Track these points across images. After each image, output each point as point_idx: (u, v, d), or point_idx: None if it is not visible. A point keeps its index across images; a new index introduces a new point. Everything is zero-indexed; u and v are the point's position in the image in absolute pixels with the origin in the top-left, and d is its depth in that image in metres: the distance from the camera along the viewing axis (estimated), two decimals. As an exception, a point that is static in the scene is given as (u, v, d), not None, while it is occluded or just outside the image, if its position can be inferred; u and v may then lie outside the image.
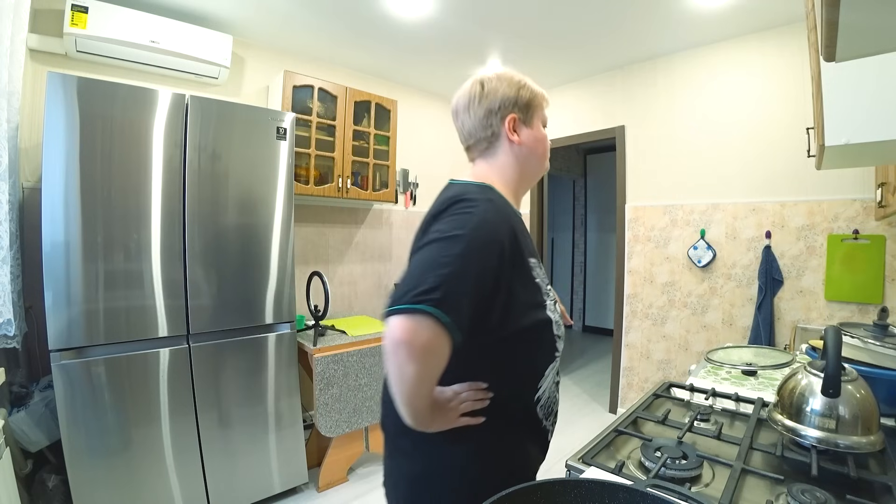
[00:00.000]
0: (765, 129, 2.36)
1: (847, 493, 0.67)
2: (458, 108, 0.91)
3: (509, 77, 0.88)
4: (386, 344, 0.66)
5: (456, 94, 0.92)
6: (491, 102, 0.86)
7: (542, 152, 0.90)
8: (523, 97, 0.87)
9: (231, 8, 2.23)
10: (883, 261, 2.01)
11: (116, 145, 1.57)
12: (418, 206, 3.53)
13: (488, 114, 0.86)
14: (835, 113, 0.95)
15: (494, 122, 0.86)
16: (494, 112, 0.86)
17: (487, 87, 0.86)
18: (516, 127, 0.86)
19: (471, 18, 2.33)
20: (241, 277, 1.87)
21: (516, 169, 0.88)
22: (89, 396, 1.53)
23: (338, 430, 2.09)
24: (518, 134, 0.86)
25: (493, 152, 0.88)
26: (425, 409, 0.71)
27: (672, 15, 2.25)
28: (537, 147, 0.89)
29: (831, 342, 0.77)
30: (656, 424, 0.97)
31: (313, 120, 2.53)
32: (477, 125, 0.87)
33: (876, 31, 0.50)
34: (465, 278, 0.67)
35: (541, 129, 0.90)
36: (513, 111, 0.86)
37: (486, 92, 0.86)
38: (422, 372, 0.66)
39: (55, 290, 1.47)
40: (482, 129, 0.87)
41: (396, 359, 0.66)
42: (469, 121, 0.88)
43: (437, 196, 0.84)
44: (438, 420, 0.74)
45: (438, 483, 0.79)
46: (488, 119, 0.86)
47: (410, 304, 0.63)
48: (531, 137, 0.88)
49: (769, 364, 1.29)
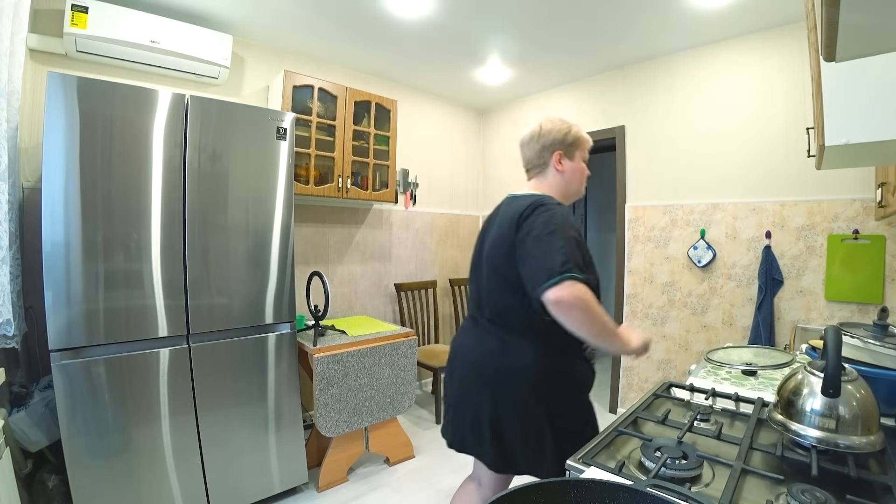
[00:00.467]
0: (765, 129, 2.36)
1: (847, 493, 0.67)
2: (523, 142, 1.30)
3: (560, 122, 1.26)
4: (560, 305, 0.97)
5: (524, 131, 1.31)
6: (545, 140, 1.25)
7: (579, 180, 1.27)
8: (568, 139, 1.24)
9: (231, 8, 2.23)
10: (883, 261, 2.01)
11: (116, 145, 1.57)
12: (418, 206, 3.54)
13: (542, 149, 1.25)
14: (835, 113, 0.95)
15: (546, 155, 1.25)
16: (546, 147, 1.25)
17: (544, 129, 1.25)
18: (561, 160, 1.24)
19: (471, 18, 2.33)
20: (241, 277, 1.87)
21: (559, 189, 1.25)
22: (89, 396, 1.53)
23: (338, 430, 2.09)
24: (562, 165, 1.24)
25: (544, 176, 1.27)
26: (612, 328, 1.04)
27: (672, 15, 2.25)
28: (575, 176, 1.27)
29: (831, 342, 0.77)
30: (656, 424, 0.97)
31: (313, 120, 2.53)
32: (534, 156, 1.27)
33: (876, 31, 0.50)
34: (574, 250, 1.02)
35: (580, 164, 1.27)
36: (559, 148, 1.24)
37: (542, 133, 1.25)
38: (594, 306, 0.99)
39: (55, 290, 1.47)
40: (537, 158, 1.27)
41: (576, 310, 0.98)
42: (529, 152, 1.28)
43: (506, 204, 1.22)
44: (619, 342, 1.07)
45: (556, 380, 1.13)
46: (542, 153, 1.25)
47: (559, 276, 0.96)
48: (571, 168, 1.26)
49: (769, 364, 1.29)
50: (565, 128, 1.25)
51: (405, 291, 3.30)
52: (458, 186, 3.87)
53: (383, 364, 2.25)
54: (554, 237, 1.01)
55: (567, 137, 1.24)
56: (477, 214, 4.06)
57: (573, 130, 1.25)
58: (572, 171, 1.25)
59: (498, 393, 1.13)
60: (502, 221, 1.15)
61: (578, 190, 1.28)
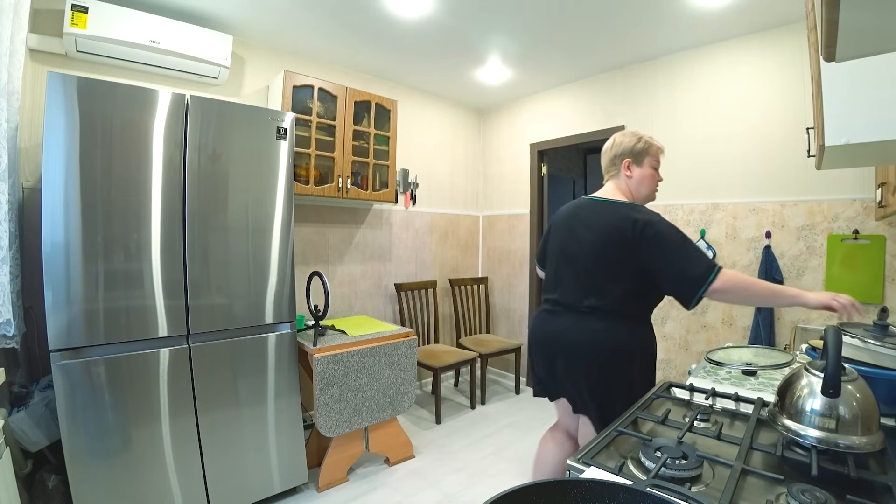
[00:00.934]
0: (765, 128, 2.36)
1: (847, 493, 0.67)
2: (604, 151, 1.50)
3: (632, 136, 1.45)
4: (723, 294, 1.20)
5: (606, 144, 1.51)
6: (616, 150, 1.45)
7: (648, 184, 1.45)
8: (636, 148, 1.43)
9: (231, 8, 2.23)
10: (883, 261, 2.01)
11: (116, 145, 1.57)
12: (418, 206, 3.54)
13: (614, 157, 1.46)
14: (835, 113, 0.95)
15: (617, 163, 1.45)
16: (617, 156, 1.45)
17: (616, 142, 1.46)
18: (630, 167, 1.44)
19: (471, 18, 2.33)
20: (241, 277, 1.87)
21: (630, 192, 1.45)
22: (89, 396, 1.53)
23: (338, 430, 2.09)
24: (630, 171, 1.44)
25: (618, 180, 1.46)
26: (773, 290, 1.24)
27: (672, 15, 2.25)
28: (644, 181, 1.45)
29: (831, 342, 0.77)
30: (656, 424, 0.97)
31: (313, 120, 2.53)
32: (608, 164, 1.48)
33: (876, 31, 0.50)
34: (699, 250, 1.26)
35: (649, 170, 1.44)
36: (628, 157, 1.43)
37: (615, 144, 1.46)
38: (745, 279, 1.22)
39: (55, 290, 1.47)
40: (611, 166, 1.47)
41: (739, 291, 1.20)
42: (605, 161, 1.49)
43: (594, 206, 1.42)
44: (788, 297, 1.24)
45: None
46: (614, 160, 1.46)
47: (713, 270, 1.19)
48: (639, 174, 1.44)
49: (769, 364, 1.29)
50: (635, 139, 1.44)
51: (405, 291, 3.30)
52: (458, 186, 3.87)
53: (383, 364, 2.26)
54: (682, 241, 1.26)
55: (635, 147, 1.42)
56: (477, 214, 4.06)
57: (642, 141, 1.43)
58: (641, 176, 1.43)
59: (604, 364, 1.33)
60: (604, 223, 1.34)
61: (649, 194, 1.46)
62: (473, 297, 3.77)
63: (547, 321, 1.48)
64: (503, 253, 3.86)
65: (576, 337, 1.37)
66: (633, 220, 1.28)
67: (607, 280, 1.33)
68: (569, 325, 1.39)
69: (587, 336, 1.34)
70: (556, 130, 3.42)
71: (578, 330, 1.36)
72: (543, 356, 1.48)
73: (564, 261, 1.44)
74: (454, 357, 3.04)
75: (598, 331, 1.33)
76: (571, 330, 1.38)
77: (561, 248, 1.47)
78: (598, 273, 1.35)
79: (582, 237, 1.39)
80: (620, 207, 1.35)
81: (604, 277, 1.34)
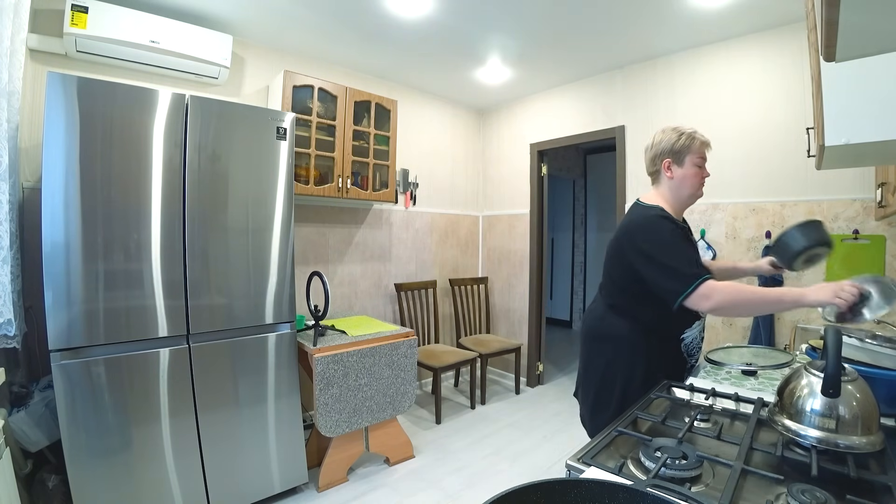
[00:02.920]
0: (765, 128, 2.36)
1: (847, 493, 0.67)
2: (645, 150, 1.39)
3: (672, 132, 1.32)
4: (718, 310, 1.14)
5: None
6: (655, 150, 1.34)
7: (690, 184, 1.31)
8: (676, 146, 1.30)
9: (231, 8, 2.23)
10: (883, 261, 2.01)
11: (116, 145, 1.57)
12: (418, 206, 3.54)
13: (654, 157, 1.34)
14: (835, 113, 0.95)
15: (657, 163, 1.34)
16: (657, 156, 1.33)
17: (655, 140, 1.35)
18: (670, 167, 1.31)
19: (470, 18, 2.33)
20: (241, 277, 1.87)
21: (671, 194, 1.33)
22: (89, 396, 1.53)
23: (338, 430, 2.09)
24: (671, 172, 1.31)
25: (659, 182, 1.36)
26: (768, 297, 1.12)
27: (672, 15, 2.25)
28: (686, 181, 1.31)
29: (831, 342, 0.77)
30: (656, 424, 0.97)
31: (313, 120, 2.53)
32: (648, 164, 1.37)
33: (876, 31, 0.50)
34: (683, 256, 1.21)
35: (691, 168, 1.30)
36: (668, 157, 1.31)
37: (654, 143, 1.35)
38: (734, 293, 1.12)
39: (55, 290, 1.47)
40: (651, 166, 1.36)
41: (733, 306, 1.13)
42: (646, 161, 1.38)
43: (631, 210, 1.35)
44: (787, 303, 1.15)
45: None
46: (654, 161, 1.35)
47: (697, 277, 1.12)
48: (681, 175, 1.31)
49: (769, 364, 1.29)
50: (675, 136, 1.30)
51: (405, 291, 3.30)
52: (458, 186, 3.87)
53: (383, 364, 2.26)
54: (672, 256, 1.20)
55: (675, 145, 1.30)
56: (477, 214, 4.06)
57: (683, 136, 1.30)
58: (682, 177, 1.31)
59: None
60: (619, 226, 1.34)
61: (693, 193, 1.33)
62: (473, 297, 3.77)
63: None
64: (503, 253, 3.86)
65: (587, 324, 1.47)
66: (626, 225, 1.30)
67: (610, 278, 1.38)
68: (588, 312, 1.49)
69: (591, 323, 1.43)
70: (556, 130, 3.42)
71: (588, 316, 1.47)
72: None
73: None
74: (454, 357, 3.04)
75: (596, 318, 1.40)
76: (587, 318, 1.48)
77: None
78: (606, 271, 1.40)
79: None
80: (635, 211, 1.32)
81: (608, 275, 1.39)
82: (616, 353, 1.30)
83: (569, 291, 5.98)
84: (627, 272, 1.26)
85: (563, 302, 6.04)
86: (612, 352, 1.31)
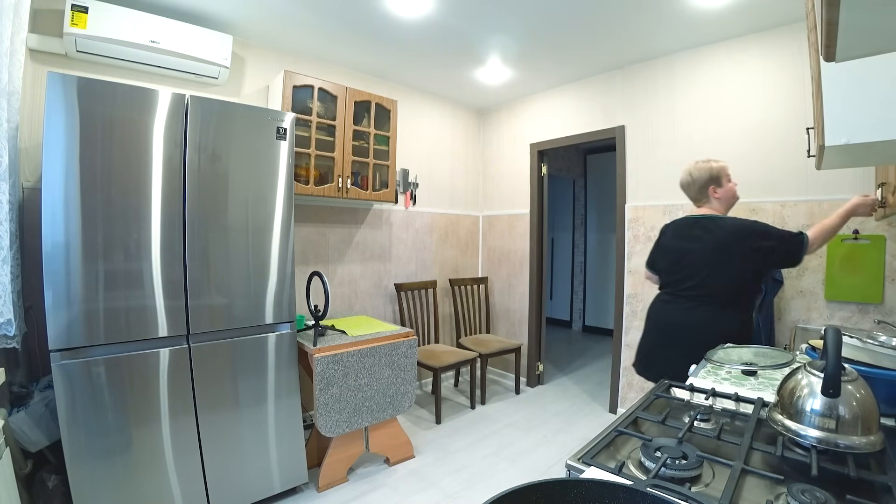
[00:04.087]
0: (765, 128, 2.36)
1: (847, 493, 0.67)
2: (684, 186, 1.86)
3: (703, 165, 1.79)
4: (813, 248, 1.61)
5: (681, 177, 1.87)
6: (699, 183, 1.80)
7: (731, 196, 1.80)
8: (713, 175, 1.77)
9: (231, 8, 2.23)
10: (883, 261, 2.01)
11: (116, 145, 1.57)
12: (418, 206, 3.54)
13: (700, 188, 1.80)
14: (835, 113, 0.95)
15: (705, 191, 1.80)
16: (703, 187, 1.79)
17: (694, 176, 1.80)
18: (715, 190, 1.78)
19: (470, 18, 2.33)
20: (241, 277, 1.87)
21: (722, 205, 1.80)
22: (89, 396, 1.53)
23: (338, 430, 2.09)
24: (717, 192, 1.78)
25: (709, 202, 1.81)
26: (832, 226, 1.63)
27: (672, 15, 2.25)
28: (728, 194, 1.79)
29: (831, 342, 0.77)
30: (656, 424, 0.97)
31: (313, 120, 2.53)
32: (698, 194, 1.82)
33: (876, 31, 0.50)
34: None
35: (728, 184, 1.79)
36: (711, 184, 1.78)
37: (693, 179, 1.81)
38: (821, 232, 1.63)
39: (55, 290, 1.47)
40: (700, 194, 1.81)
41: (817, 244, 1.62)
42: (693, 192, 1.83)
43: (701, 222, 1.76)
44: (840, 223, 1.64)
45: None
46: (702, 190, 1.80)
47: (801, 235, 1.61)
48: (724, 192, 1.78)
49: (769, 364, 1.29)
50: (708, 167, 1.77)
51: (405, 291, 3.30)
52: (458, 186, 3.87)
53: (383, 364, 2.26)
54: (764, 226, 1.66)
55: (712, 174, 1.76)
56: (477, 214, 4.06)
57: (713, 168, 1.77)
58: (725, 192, 1.78)
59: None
60: (723, 234, 1.68)
61: (734, 198, 1.81)
62: (473, 297, 3.77)
63: (664, 308, 1.86)
64: (503, 253, 3.86)
65: (687, 321, 1.73)
66: (745, 231, 1.67)
67: (725, 277, 1.68)
68: (684, 312, 1.76)
69: (695, 320, 1.71)
70: (556, 130, 3.43)
71: (690, 316, 1.73)
72: (654, 336, 1.88)
73: (681, 261, 1.80)
74: (454, 357, 3.05)
75: (705, 318, 1.69)
76: (685, 315, 1.75)
77: (672, 255, 1.84)
78: (717, 272, 1.69)
79: (699, 244, 1.74)
80: (730, 221, 1.71)
81: (722, 274, 1.68)
82: (728, 339, 1.62)
83: (569, 291, 5.98)
84: (744, 265, 1.64)
85: (563, 302, 6.04)
86: (724, 339, 1.61)
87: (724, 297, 1.68)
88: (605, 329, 5.45)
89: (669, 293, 1.86)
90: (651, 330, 1.92)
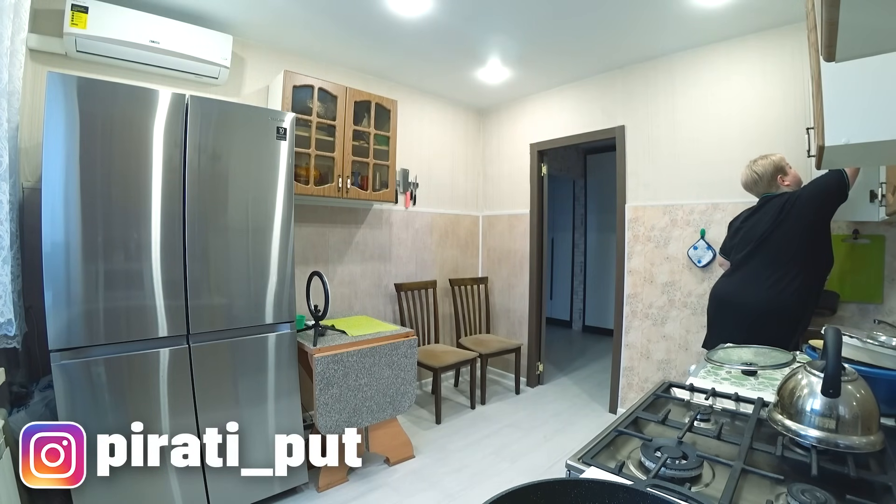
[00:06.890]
0: (765, 128, 2.36)
1: (847, 493, 0.67)
2: (749, 185, 1.99)
3: (764, 161, 1.93)
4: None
5: (744, 177, 2.00)
6: (766, 178, 1.92)
7: (798, 182, 1.92)
8: (778, 167, 1.91)
9: (231, 8, 2.23)
10: (883, 261, 2.01)
11: (116, 145, 1.57)
12: (418, 206, 3.54)
13: (769, 182, 1.92)
14: (835, 113, 0.95)
15: (774, 182, 1.92)
16: (771, 180, 1.92)
17: (759, 173, 1.93)
18: (783, 178, 1.91)
19: (470, 18, 2.33)
20: (241, 277, 1.87)
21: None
22: (89, 396, 1.53)
23: (338, 430, 2.09)
24: (784, 180, 1.91)
25: (778, 189, 1.91)
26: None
27: (672, 15, 2.25)
28: (795, 181, 1.91)
29: (831, 342, 0.77)
30: (656, 424, 0.97)
31: (313, 120, 2.53)
32: (766, 185, 1.93)
33: (876, 31, 0.50)
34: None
35: (791, 170, 1.93)
36: (777, 174, 1.91)
37: (761, 175, 1.93)
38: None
39: (55, 290, 1.47)
40: (770, 187, 1.93)
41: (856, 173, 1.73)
42: (762, 188, 1.95)
43: (772, 199, 1.89)
44: None
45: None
46: (771, 183, 1.92)
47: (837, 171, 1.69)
48: (790, 178, 1.91)
49: (769, 364, 1.29)
50: (770, 161, 1.92)
51: (405, 291, 3.30)
52: (458, 186, 3.87)
53: (383, 364, 2.26)
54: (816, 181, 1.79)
55: (777, 166, 1.91)
56: (477, 214, 4.06)
57: (775, 160, 1.92)
58: (792, 178, 1.91)
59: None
60: (789, 206, 1.79)
61: (800, 185, 1.90)
62: (473, 297, 3.77)
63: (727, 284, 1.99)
64: (503, 253, 3.86)
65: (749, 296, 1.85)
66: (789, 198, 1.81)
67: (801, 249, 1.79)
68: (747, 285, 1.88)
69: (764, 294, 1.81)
70: (556, 130, 3.43)
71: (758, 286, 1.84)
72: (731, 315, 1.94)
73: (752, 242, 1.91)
74: (454, 357, 3.05)
75: (790, 294, 1.77)
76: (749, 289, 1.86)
77: (744, 235, 1.95)
78: (794, 240, 1.79)
79: (768, 221, 1.85)
80: (783, 194, 1.86)
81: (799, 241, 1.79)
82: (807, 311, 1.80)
83: (569, 291, 5.98)
84: (815, 222, 1.75)
85: (563, 302, 6.04)
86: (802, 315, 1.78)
87: (788, 257, 1.79)
88: (605, 329, 5.45)
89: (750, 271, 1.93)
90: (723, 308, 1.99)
